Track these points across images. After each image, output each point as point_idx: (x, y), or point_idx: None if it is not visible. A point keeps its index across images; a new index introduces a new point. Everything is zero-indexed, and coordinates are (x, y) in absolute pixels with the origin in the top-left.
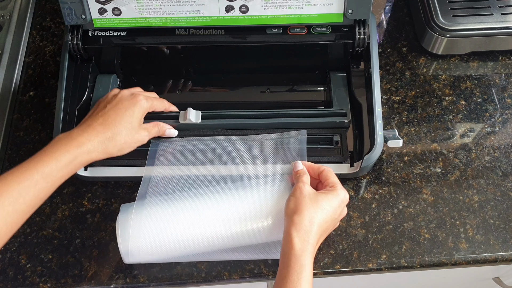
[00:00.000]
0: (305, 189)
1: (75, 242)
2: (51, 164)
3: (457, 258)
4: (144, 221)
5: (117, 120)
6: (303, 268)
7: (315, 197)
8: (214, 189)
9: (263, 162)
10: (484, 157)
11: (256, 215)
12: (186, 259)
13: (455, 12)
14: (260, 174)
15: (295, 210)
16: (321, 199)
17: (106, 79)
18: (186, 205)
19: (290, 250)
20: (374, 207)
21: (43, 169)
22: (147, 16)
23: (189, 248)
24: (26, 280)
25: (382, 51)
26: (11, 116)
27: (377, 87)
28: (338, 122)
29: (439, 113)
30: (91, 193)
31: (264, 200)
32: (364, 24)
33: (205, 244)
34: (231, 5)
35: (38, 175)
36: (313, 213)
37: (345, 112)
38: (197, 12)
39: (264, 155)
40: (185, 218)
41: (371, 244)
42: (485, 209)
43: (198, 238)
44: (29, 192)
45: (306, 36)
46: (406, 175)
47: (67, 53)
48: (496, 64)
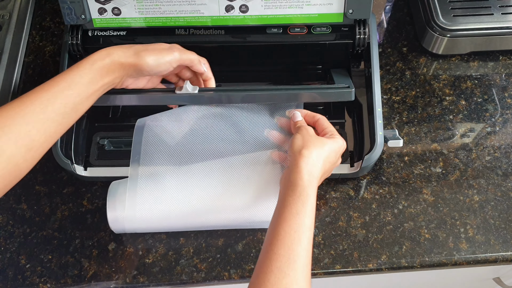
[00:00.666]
0: (311, 130)
1: (74, 242)
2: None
3: (458, 258)
4: (131, 193)
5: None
6: (308, 198)
7: (320, 138)
8: (203, 165)
9: (258, 112)
10: (485, 157)
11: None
12: (176, 226)
13: (456, 12)
14: (253, 131)
15: (303, 145)
16: (325, 141)
17: None
18: (176, 181)
19: (297, 180)
20: (374, 207)
21: (67, 76)
22: (147, 16)
23: (176, 220)
24: (26, 280)
25: (383, 51)
26: None
27: (378, 87)
28: (344, 94)
29: (440, 113)
30: (90, 193)
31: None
32: (364, 24)
33: (190, 216)
34: (231, 5)
35: (62, 81)
36: (320, 150)
37: (348, 86)
38: (197, 12)
39: (258, 109)
40: (173, 194)
41: (371, 244)
42: (485, 209)
43: (184, 211)
44: (57, 99)
45: (306, 36)
46: (407, 175)
47: (67, 53)
48: (497, 64)
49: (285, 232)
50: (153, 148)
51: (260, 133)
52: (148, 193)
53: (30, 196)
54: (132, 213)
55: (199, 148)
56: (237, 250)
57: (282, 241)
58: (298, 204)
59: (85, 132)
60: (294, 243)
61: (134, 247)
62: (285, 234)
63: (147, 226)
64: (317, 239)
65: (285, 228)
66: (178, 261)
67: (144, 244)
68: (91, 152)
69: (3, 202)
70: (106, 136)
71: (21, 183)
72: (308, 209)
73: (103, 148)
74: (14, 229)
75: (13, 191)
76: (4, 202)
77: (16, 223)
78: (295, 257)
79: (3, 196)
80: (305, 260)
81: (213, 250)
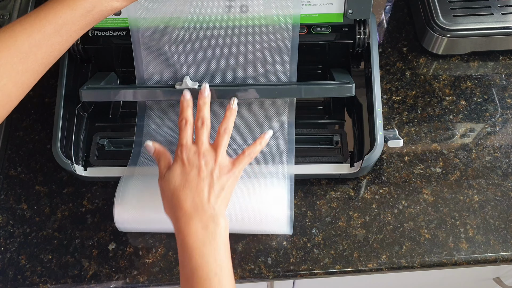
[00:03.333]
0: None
1: (74, 242)
2: (66, 14)
3: (458, 258)
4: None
5: None
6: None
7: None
8: None
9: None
10: (485, 157)
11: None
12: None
13: (456, 12)
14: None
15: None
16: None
17: (104, 75)
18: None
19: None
20: (374, 207)
21: (56, 20)
22: (147, 16)
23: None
24: (26, 280)
25: (383, 51)
26: (10, 116)
27: (378, 87)
28: (344, 89)
29: (440, 113)
30: (90, 193)
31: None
32: (364, 24)
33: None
34: (231, 5)
35: (51, 27)
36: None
37: (348, 82)
38: (197, 12)
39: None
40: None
41: (371, 244)
42: (485, 209)
43: None
44: (41, 48)
45: (306, 36)
46: (407, 175)
47: (66, 53)
48: (497, 64)
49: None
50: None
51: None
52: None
53: (30, 196)
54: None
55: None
56: (237, 250)
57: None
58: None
59: (85, 132)
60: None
61: (134, 247)
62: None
63: (148, 217)
64: (317, 239)
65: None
66: (178, 261)
67: (144, 244)
68: (91, 152)
69: (3, 202)
70: (106, 136)
71: (21, 183)
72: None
73: (103, 148)
74: (14, 229)
75: (13, 191)
76: (4, 202)
77: (16, 223)
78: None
79: (3, 196)
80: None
81: None
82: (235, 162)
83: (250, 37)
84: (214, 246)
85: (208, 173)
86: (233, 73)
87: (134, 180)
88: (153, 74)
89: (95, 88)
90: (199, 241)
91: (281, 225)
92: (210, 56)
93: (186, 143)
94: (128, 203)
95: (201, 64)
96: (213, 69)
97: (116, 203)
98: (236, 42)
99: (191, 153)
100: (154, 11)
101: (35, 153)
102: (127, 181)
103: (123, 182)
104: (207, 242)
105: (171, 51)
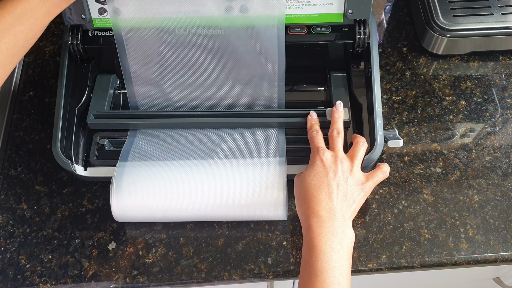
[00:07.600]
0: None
1: (75, 242)
2: (23, 2)
3: (458, 258)
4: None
5: None
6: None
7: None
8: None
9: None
10: (485, 157)
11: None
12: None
13: (456, 12)
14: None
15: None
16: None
17: (106, 79)
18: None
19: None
20: (374, 207)
21: (15, 9)
22: (147, 16)
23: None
24: (26, 280)
25: (382, 51)
26: (11, 116)
27: (377, 87)
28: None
29: (439, 113)
30: (91, 193)
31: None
32: (364, 24)
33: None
34: (231, 5)
35: (10, 16)
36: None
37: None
38: (197, 12)
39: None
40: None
41: (371, 244)
42: (485, 209)
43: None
44: (4, 38)
45: (306, 36)
46: (407, 175)
47: (67, 53)
48: (497, 64)
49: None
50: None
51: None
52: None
53: (30, 196)
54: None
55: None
56: (237, 250)
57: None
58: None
59: (85, 132)
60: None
61: (134, 247)
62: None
63: (148, 204)
64: None
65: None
66: (178, 261)
67: (144, 244)
68: (91, 152)
69: (3, 202)
70: (106, 136)
71: (21, 183)
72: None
73: (103, 148)
74: (14, 229)
75: (13, 191)
76: (4, 202)
77: (16, 223)
78: None
79: (3, 196)
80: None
81: (213, 250)
82: (368, 176)
83: (234, 41)
84: (341, 256)
85: (344, 181)
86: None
87: (127, 170)
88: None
89: (103, 118)
90: (328, 246)
91: (276, 209)
92: (196, 66)
93: (323, 146)
94: (125, 191)
95: (187, 78)
96: (201, 86)
97: (112, 192)
98: (221, 47)
99: (328, 155)
100: (139, 12)
101: (35, 153)
102: (121, 172)
103: (117, 174)
104: (335, 249)
105: (157, 57)
